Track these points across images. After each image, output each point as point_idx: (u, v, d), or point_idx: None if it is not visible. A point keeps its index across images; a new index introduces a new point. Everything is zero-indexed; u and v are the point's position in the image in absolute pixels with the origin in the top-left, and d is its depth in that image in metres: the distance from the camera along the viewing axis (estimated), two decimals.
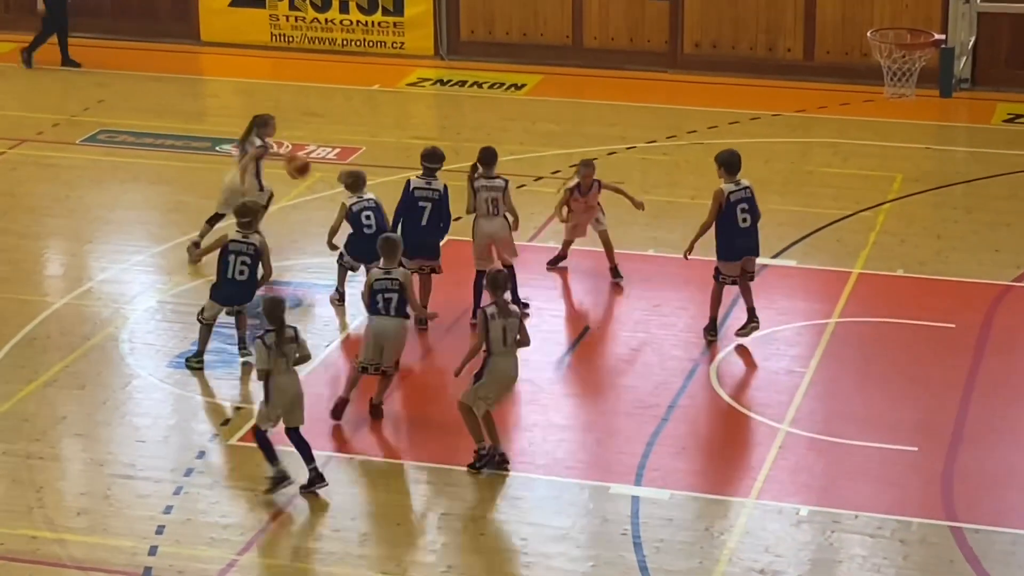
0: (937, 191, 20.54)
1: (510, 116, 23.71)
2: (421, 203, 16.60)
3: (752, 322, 16.39)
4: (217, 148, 22.26)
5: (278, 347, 13.74)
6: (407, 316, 15.21)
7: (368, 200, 16.93)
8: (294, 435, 13.91)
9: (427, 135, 23.14)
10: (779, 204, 19.45)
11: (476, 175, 16.81)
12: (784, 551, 13.26)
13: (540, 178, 21.01)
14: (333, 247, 17.05)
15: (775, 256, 18.46)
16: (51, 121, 23.27)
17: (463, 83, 25.27)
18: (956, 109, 23.44)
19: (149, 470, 14.44)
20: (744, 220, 16.03)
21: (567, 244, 18.09)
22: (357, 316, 17.17)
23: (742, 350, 16.37)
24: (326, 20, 26.47)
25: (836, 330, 16.81)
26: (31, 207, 20.26)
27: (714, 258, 16.25)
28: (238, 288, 15.86)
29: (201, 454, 14.73)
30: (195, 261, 18.07)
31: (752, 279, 16.33)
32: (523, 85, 25.05)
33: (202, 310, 16.11)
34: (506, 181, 16.85)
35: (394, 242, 15.26)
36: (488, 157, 16.80)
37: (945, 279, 18.12)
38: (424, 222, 16.59)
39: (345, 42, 26.48)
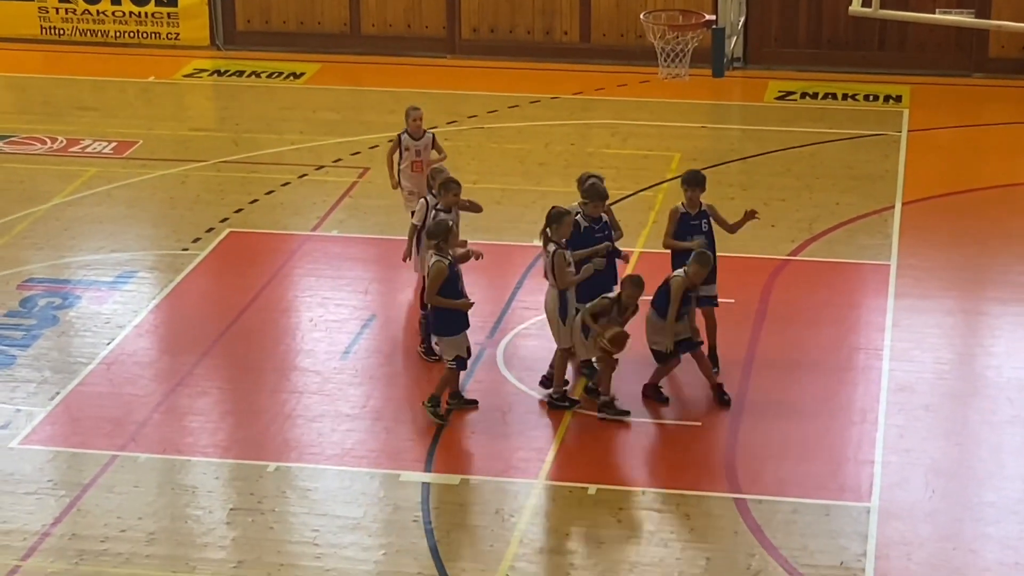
0: (714, 169, 20.88)
1: (289, 105, 23.52)
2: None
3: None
4: None
5: None
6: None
7: None
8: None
9: (206, 127, 22.84)
10: (560, 186, 19.60)
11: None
12: (574, 530, 13.40)
13: (322, 167, 20.89)
14: None
15: None
16: None
17: (241, 73, 24.99)
18: (729, 88, 23.87)
19: None
20: None
21: None
22: (140, 312, 16.93)
23: (527, 334, 16.49)
24: (98, 12, 25.95)
25: None
26: None
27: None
28: None
29: None
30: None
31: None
32: (302, 74, 24.87)
33: None
34: (553, 250, 15.01)
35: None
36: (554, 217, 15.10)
37: (724, 255, 18.36)
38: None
39: (118, 34, 26.00)
